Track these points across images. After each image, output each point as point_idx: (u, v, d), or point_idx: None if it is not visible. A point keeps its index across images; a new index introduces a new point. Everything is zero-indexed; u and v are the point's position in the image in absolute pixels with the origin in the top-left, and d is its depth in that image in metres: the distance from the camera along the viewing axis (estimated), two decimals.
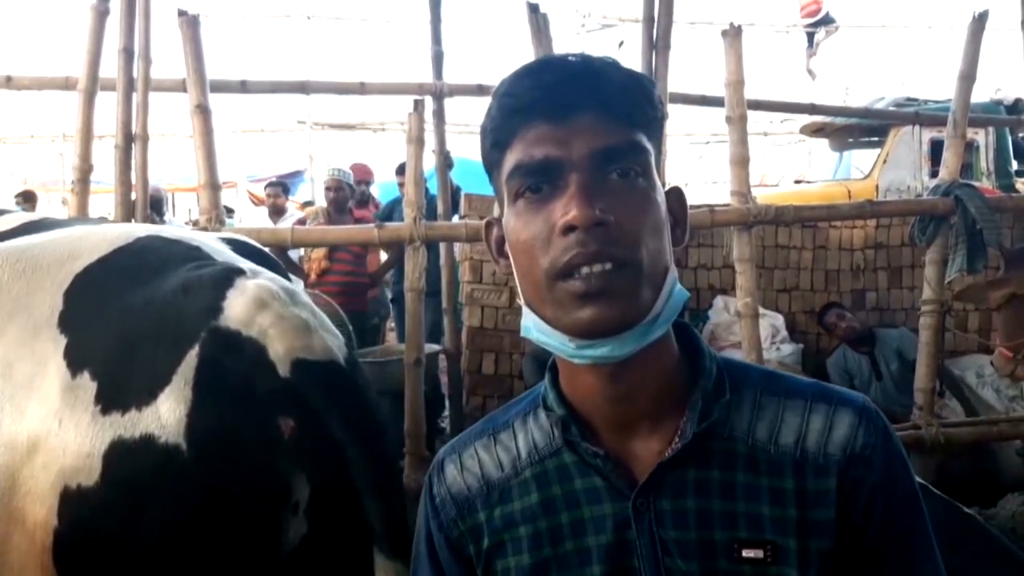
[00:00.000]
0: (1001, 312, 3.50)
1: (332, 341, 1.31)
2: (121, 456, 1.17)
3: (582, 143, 0.77)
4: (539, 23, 3.38)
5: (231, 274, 1.33)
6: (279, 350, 1.23)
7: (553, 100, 0.77)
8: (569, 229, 0.75)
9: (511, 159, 0.80)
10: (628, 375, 0.81)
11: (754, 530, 0.79)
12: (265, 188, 7.12)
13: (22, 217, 1.79)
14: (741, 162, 3.39)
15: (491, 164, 0.84)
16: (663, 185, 0.84)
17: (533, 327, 0.82)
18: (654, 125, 0.82)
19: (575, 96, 0.77)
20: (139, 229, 1.57)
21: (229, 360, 1.22)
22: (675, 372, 0.84)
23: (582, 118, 0.77)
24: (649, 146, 0.80)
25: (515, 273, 0.83)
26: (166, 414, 1.18)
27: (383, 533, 1.25)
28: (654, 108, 0.81)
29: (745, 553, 0.79)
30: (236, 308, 1.26)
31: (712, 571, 0.79)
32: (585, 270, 0.75)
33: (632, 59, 3.65)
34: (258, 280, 1.32)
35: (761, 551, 0.78)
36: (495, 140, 0.82)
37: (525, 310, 0.84)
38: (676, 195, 0.86)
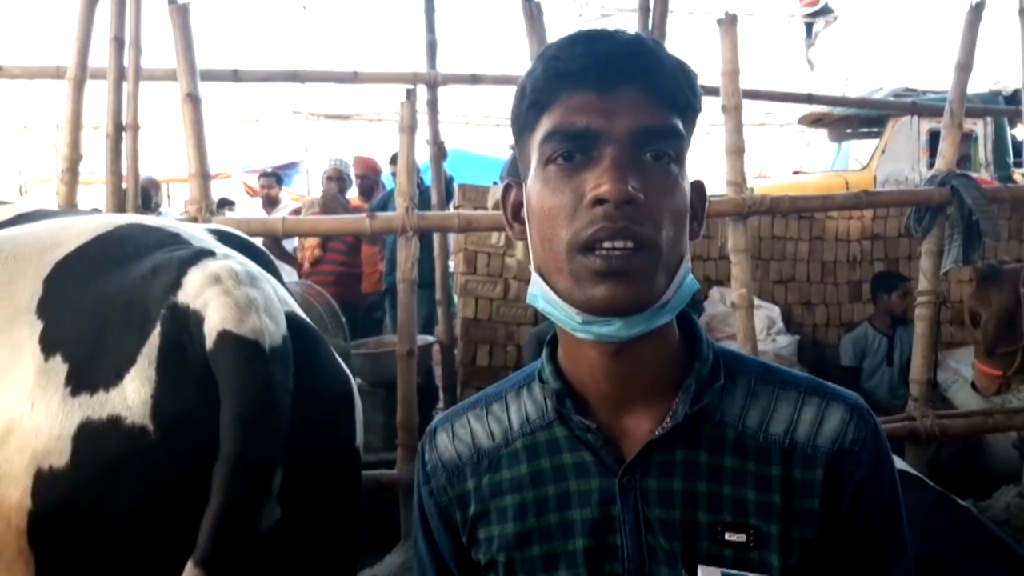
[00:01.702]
0: (980, 328, 3.51)
1: (269, 326, 1.24)
2: (90, 437, 1.17)
3: (624, 118, 0.76)
4: (533, 12, 3.35)
5: (199, 255, 1.32)
6: (212, 322, 1.21)
7: (603, 70, 0.77)
8: (599, 202, 0.75)
9: (548, 122, 0.79)
10: (630, 355, 0.81)
11: (738, 514, 0.80)
12: (259, 179, 7.11)
13: (16, 208, 1.79)
14: (737, 151, 3.37)
15: (523, 124, 0.83)
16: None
17: (540, 296, 0.83)
18: (691, 114, 0.82)
19: (624, 69, 0.77)
20: (121, 218, 1.58)
21: (184, 336, 1.21)
22: (674, 356, 0.85)
23: (628, 92, 0.77)
24: (684, 133, 0.80)
25: (531, 239, 0.83)
26: (132, 395, 1.18)
27: (209, 531, 1.14)
28: (695, 97, 0.82)
29: (728, 536, 0.80)
30: (191, 283, 1.25)
31: (694, 552, 0.80)
32: (607, 245, 0.75)
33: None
34: (224, 261, 1.31)
35: (744, 535, 0.80)
36: (534, 100, 0.80)
37: (535, 277, 0.83)
38: (698, 189, 0.86)
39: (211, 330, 1.21)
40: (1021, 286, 3.30)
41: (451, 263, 4.85)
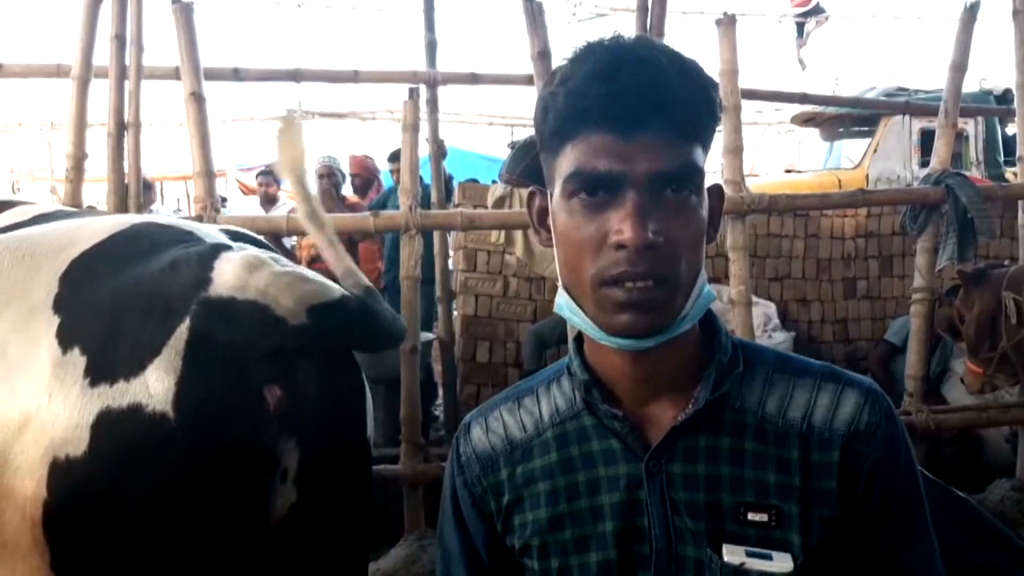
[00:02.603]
0: (966, 329, 3.56)
1: (330, 283, 1.37)
2: (109, 425, 1.19)
3: (643, 161, 0.79)
4: (534, 12, 3.37)
5: (217, 249, 1.36)
6: (288, 303, 1.27)
7: (622, 113, 0.79)
8: (621, 247, 0.79)
9: (571, 157, 0.82)
10: (651, 358, 0.86)
11: (760, 495, 0.84)
12: (256, 177, 7.09)
13: (36, 209, 1.80)
14: (735, 151, 3.40)
15: (548, 145, 0.85)
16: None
17: (566, 307, 0.88)
18: (710, 134, 0.85)
19: (642, 111, 0.79)
20: (137, 217, 1.61)
21: (224, 328, 1.24)
22: (694, 349, 0.89)
23: (647, 134, 0.79)
24: (703, 159, 0.83)
25: (556, 255, 0.87)
26: (154, 384, 1.20)
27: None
28: (714, 117, 0.85)
29: (751, 516, 0.84)
30: (226, 275, 1.28)
31: (719, 531, 0.84)
32: (629, 284, 0.79)
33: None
34: (242, 251, 1.35)
35: (766, 515, 0.83)
36: (557, 129, 0.83)
37: (562, 290, 0.88)
38: (717, 193, 0.89)
39: (292, 312, 1.27)
40: (1003, 290, 3.35)
41: (450, 260, 4.87)
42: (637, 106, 0.78)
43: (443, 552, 1.01)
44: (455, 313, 4.64)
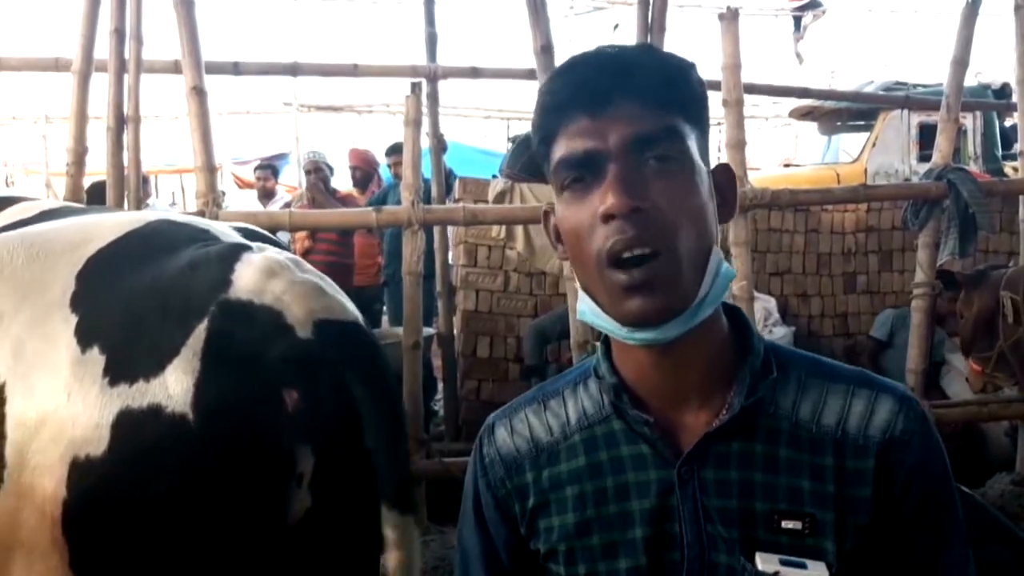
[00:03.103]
0: (963, 328, 3.59)
1: (347, 303, 1.36)
2: (128, 425, 1.19)
3: (617, 133, 0.79)
4: (536, 5, 3.36)
5: (237, 250, 1.36)
6: (298, 313, 1.26)
7: (588, 94, 0.80)
8: (608, 217, 0.78)
9: (556, 153, 0.83)
10: (677, 353, 0.84)
11: (794, 503, 0.83)
12: (255, 171, 7.08)
13: (41, 205, 1.79)
14: (737, 145, 3.41)
15: (542, 158, 0.87)
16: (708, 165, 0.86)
17: (589, 311, 0.86)
18: (693, 106, 0.84)
19: (609, 88, 0.80)
20: (151, 215, 1.60)
21: (240, 331, 1.24)
22: (724, 349, 0.87)
23: (618, 108, 0.80)
24: (687, 129, 0.82)
25: (571, 260, 0.87)
26: (173, 384, 1.20)
27: (394, 491, 1.30)
28: (692, 89, 0.84)
29: (784, 524, 0.82)
30: (245, 279, 1.28)
31: (752, 539, 0.83)
32: (627, 255, 0.78)
33: (628, 42, 3.64)
34: (264, 253, 1.35)
35: (800, 523, 0.82)
36: (542, 136, 0.85)
37: (581, 294, 0.88)
38: (724, 171, 0.88)
39: (301, 322, 1.25)
40: (1001, 291, 3.37)
41: (450, 255, 4.86)
42: (601, 82, 0.80)
43: (462, 554, 0.99)
44: (456, 308, 4.64)
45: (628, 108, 0.80)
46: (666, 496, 0.85)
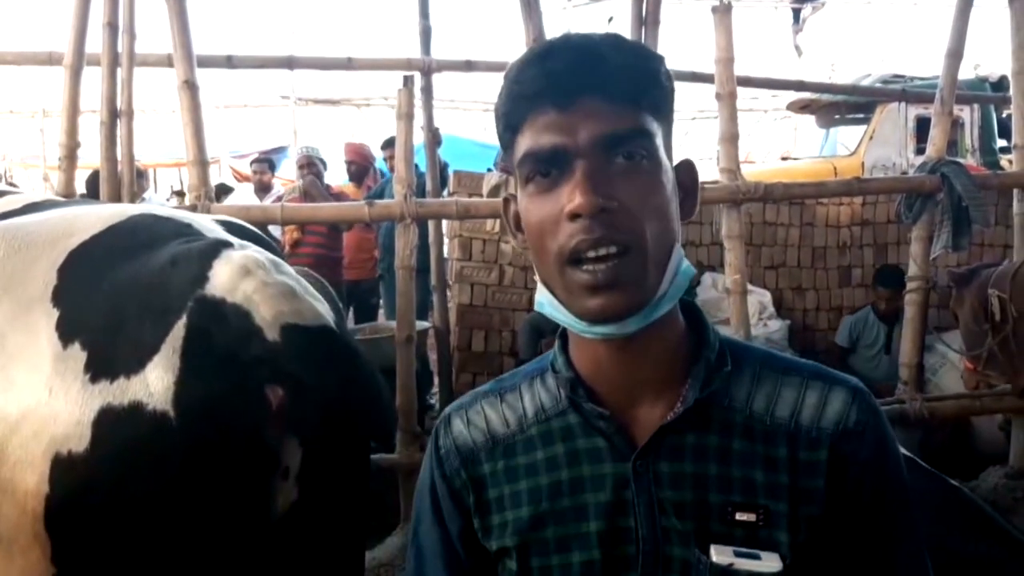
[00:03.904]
0: (962, 328, 3.59)
1: (320, 307, 1.33)
2: (110, 423, 1.19)
3: (586, 130, 0.79)
4: None
5: (218, 246, 1.35)
6: (265, 315, 1.25)
7: (557, 87, 0.79)
8: (575, 216, 0.78)
9: (522, 144, 0.82)
10: (635, 347, 0.85)
11: (747, 494, 0.83)
12: (251, 165, 7.06)
13: (26, 198, 1.79)
14: (731, 139, 3.40)
15: (505, 144, 0.87)
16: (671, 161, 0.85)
17: (547, 303, 0.86)
18: (662, 103, 0.84)
19: (578, 82, 0.79)
20: (133, 208, 1.59)
21: (215, 328, 1.24)
22: (680, 344, 0.88)
23: (586, 104, 0.79)
24: (655, 126, 0.82)
25: (530, 252, 0.86)
26: (154, 382, 1.20)
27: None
28: (660, 86, 0.83)
29: (738, 516, 0.83)
30: (221, 276, 1.27)
31: (706, 531, 0.83)
32: (591, 254, 0.78)
33: (622, 34, 3.62)
34: (244, 251, 1.34)
35: (753, 515, 0.82)
36: (507, 124, 0.84)
37: (540, 287, 0.87)
38: (687, 168, 0.88)
39: (268, 324, 1.24)
40: (989, 287, 3.38)
41: (445, 249, 4.86)
42: (571, 76, 0.79)
43: (417, 551, 0.96)
44: (451, 302, 4.64)
45: (597, 104, 0.79)
46: (621, 490, 0.85)
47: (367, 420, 1.31)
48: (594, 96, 0.79)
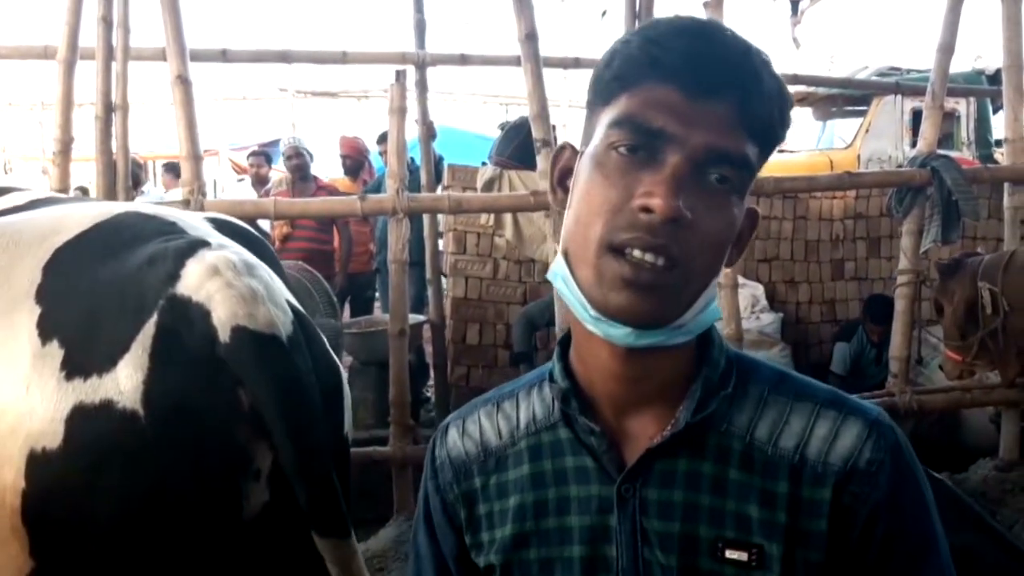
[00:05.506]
0: (945, 319, 3.60)
1: (279, 316, 1.29)
2: (82, 421, 1.20)
3: (702, 133, 0.72)
4: None
5: (195, 246, 1.34)
6: (221, 316, 1.24)
7: (698, 73, 0.72)
8: (645, 210, 0.71)
9: (625, 104, 0.74)
10: (640, 360, 0.77)
11: (741, 531, 0.76)
12: (248, 158, 7.08)
13: (31, 195, 1.80)
14: None
15: (601, 92, 0.77)
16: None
17: (560, 276, 0.78)
18: (772, 145, 0.78)
19: (721, 80, 0.72)
20: (120, 206, 1.59)
21: (183, 328, 1.24)
22: (686, 360, 0.81)
23: (717, 109, 0.72)
24: (757, 164, 0.76)
25: (567, 215, 0.78)
26: (124, 380, 1.20)
27: (312, 514, 1.26)
28: (783, 129, 0.78)
29: (729, 554, 0.76)
30: (190, 275, 1.27)
31: (692, 568, 0.76)
32: (638, 255, 0.71)
33: (615, 29, 3.64)
34: (220, 251, 1.33)
35: (746, 553, 0.75)
36: (620, 74, 0.75)
37: (559, 257, 0.79)
38: (751, 216, 0.81)
39: (222, 325, 1.24)
40: (979, 279, 3.39)
41: (440, 243, 4.88)
42: (717, 70, 0.72)
43: (415, 554, 0.94)
44: (445, 295, 4.67)
45: (725, 112, 0.72)
46: (605, 514, 0.79)
47: (299, 439, 1.26)
48: (730, 106, 0.72)
